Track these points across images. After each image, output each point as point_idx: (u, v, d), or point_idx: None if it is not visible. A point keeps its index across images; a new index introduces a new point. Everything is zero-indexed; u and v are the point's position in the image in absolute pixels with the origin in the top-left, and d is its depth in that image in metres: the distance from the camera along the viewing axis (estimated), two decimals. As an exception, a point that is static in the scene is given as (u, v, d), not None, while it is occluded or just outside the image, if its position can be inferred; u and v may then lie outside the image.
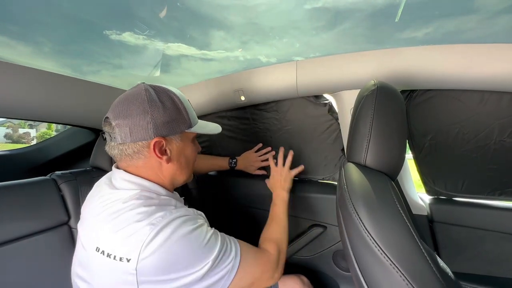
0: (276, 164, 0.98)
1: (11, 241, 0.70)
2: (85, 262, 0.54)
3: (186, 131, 0.60)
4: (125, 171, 0.58)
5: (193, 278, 0.50)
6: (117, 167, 0.60)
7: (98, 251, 0.50)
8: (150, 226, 0.48)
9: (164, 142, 0.56)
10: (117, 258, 0.48)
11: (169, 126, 0.56)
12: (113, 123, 0.54)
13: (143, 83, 0.59)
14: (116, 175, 0.58)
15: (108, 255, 0.49)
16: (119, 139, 0.54)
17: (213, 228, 0.58)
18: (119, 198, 0.54)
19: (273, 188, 0.93)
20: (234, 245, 0.58)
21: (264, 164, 1.09)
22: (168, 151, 0.58)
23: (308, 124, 1.04)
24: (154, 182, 0.59)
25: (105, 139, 0.58)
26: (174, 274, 0.49)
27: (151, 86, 0.58)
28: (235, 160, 1.13)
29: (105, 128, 0.57)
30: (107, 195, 0.56)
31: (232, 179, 1.24)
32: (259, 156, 1.11)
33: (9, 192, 0.75)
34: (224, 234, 0.59)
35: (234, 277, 0.54)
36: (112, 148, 0.57)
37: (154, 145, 0.55)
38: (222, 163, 1.14)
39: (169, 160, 0.59)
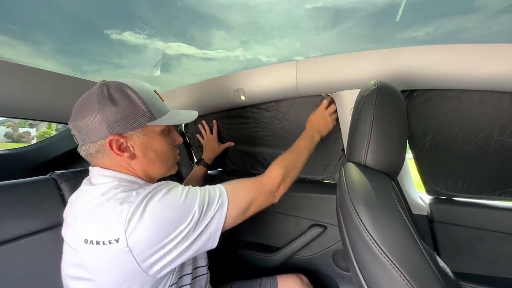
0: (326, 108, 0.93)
1: (11, 240, 0.71)
2: (78, 261, 0.54)
3: (147, 124, 0.57)
4: (101, 167, 0.58)
5: (188, 230, 0.52)
6: (93, 166, 0.60)
7: (87, 243, 0.50)
8: (128, 204, 0.50)
9: (122, 139, 0.55)
10: (106, 242, 0.48)
11: (124, 122, 0.55)
12: (71, 126, 0.56)
13: (103, 80, 0.58)
14: (93, 173, 0.59)
15: (97, 243, 0.49)
16: (80, 140, 0.56)
17: (191, 186, 0.59)
18: (97, 193, 0.54)
19: (309, 123, 0.89)
20: (218, 187, 0.61)
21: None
22: (130, 148, 0.57)
23: None
24: (131, 175, 0.59)
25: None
26: (167, 237, 0.50)
27: (107, 83, 0.57)
28: (202, 159, 1.15)
29: (72, 131, 0.57)
30: (87, 193, 0.56)
31: (233, 179, 1.24)
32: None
33: (9, 192, 0.75)
34: (208, 185, 0.61)
35: (227, 209, 0.58)
36: (79, 149, 0.58)
37: (110, 143, 0.55)
38: (200, 170, 1.13)
39: (133, 157, 0.58)
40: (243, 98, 1.01)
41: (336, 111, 0.93)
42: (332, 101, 0.94)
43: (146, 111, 0.57)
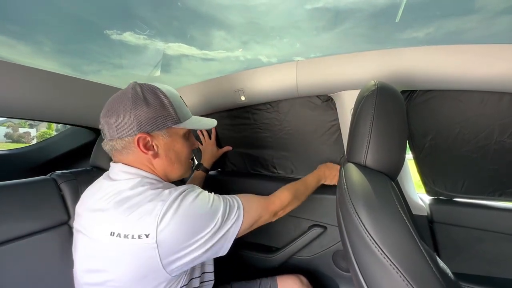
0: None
1: (11, 240, 0.70)
2: (96, 254, 0.54)
3: (173, 126, 0.62)
4: (124, 164, 0.60)
5: (208, 236, 0.56)
6: (115, 162, 0.63)
7: (113, 236, 0.52)
8: (162, 202, 0.53)
9: (149, 138, 0.59)
10: (136, 236, 0.50)
11: (153, 122, 0.58)
12: (102, 121, 0.59)
13: (135, 82, 0.62)
14: (114, 169, 0.61)
15: (126, 236, 0.51)
16: (108, 135, 0.59)
17: (212, 193, 0.63)
18: (123, 187, 0.56)
19: (322, 168, 0.96)
20: (235, 199, 0.65)
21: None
22: (154, 147, 0.60)
23: (309, 125, 1.04)
24: (152, 174, 0.62)
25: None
26: (193, 238, 0.54)
27: (139, 84, 0.61)
28: (201, 164, 1.16)
29: (101, 126, 0.60)
30: (108, 188, 0.58)
31: (233, 179, 1.24)
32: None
33: (9, 192, 0.75)
34: (225, 195, 0.65)
35: (242, 222, 0.62)
36: (105, 144, 0.62)
37: (138, 141, 0.58)
38: (199, 175, 1.14)
39: (156, 155, 0.61)
40: (243, 98, 1.01)
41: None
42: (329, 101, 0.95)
43: (173, 114, 0.61)
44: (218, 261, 0.84)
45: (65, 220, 0.81)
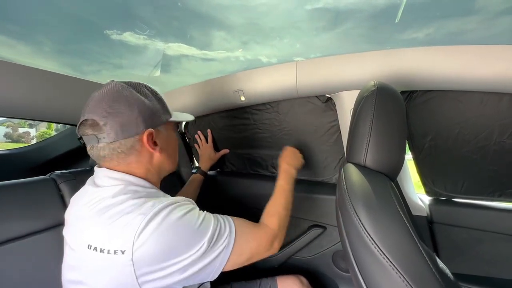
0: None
1: (10, 240, 0.70)
2: (77, 264, 0.53)
3: (169, 120, 0.62)
4: (108, 168, 0.57)
5: (190, 260, 0.50)
6: (99, 167, 0.59)
7: (90, 249, 0.49)
8: (141, 216, 0.48)
9: (154, 133, 0.57)
10: (111, 252, 0.47)
11: (155, 117, 0.58)
12: (101, 123, 0.52)
13: (112, 81, 0.58)
14: (99, 174, 0.57)
15: (102, 251, 0.48)
16: (111, 137, 0.53)
17: (205, 211, 0.57)
18: (105, 195, 0.53)
19: (282, 162, 0.89)
20: (228, 222, 0.58)
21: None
22: (157, 142, 0.59)
23: (309, 126, 1.04)
24: (140, 177, 0.58)
25: (83, 144, 0.57)
26: (171, 260, 0.48)
27: (124, 82, 0.57)
28: (199, 168, 1.15)
29: (87, 131, 0.54)
30: (92, 194, 0.55)
31: (233, 180, 1.24)
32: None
33: (9, 192, 0.75)
34: (218, 214, 0.59)
35: (230, 253, 0.54)
36: (102, 149, 0.54)
37: (147, 137, 0.56)
38: (198, 178, 1.12)
39: (161, 151, 0.60)
40: (243, 98, 1.01)
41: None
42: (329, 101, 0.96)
43: (167, 108, 0.61)
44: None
45: (64, 220, 0.81)
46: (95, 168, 0.60)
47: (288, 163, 0.88)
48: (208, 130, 1.23)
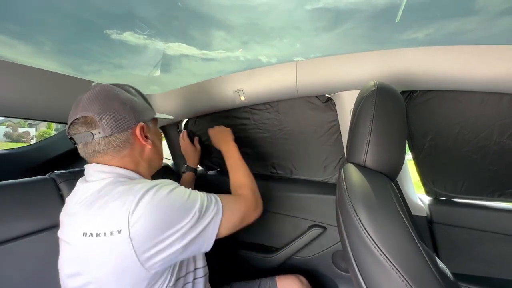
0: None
1: (10, 240, 0.70)
2: (74, 257, 0.53)
3: (155, 116, 0.67)
4: (98, 163, 0.59)
5: (185, 229, 0.53)
6: (90, 163, 0.61)
7: (86, 236, 0.50)
8: (132, 196, 0.51)
9: (145, 127, 0.63)
10: (108, 233, 0.49)
11: (144, 112, 0.63)
12: (97, 119, 0.55)
13: (98, 83, 0.62)
14: (89, 170, 0.59)
15: (97, 235, 0.49)
16: (107, 131, 0.56)
17: (190, 188, 0.62)
18: (95, 188, 0.55)
19: (219, 145, 0.96)
20: (213, 195, 0.63)
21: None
22: (148, 136, 0.64)
23: (309, 126, 1.04)
24: (130, 170, 0.60)
25: (75, 143, 0.58)
26: (167, 231, 0.51)
27: (110, 84, 0.62)
28: (187, 166, 1.17)
29: (80, 129, 0.56)
30: (82, 190, 0.57)
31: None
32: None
33: (8, 191, 0.75)
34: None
35: (221, 218, 0.60)
36: (97, 144, 0.57)
37: (140, 130, 0.61)
38: (189, 176, 1.14)
39: (152, 144, 0.64)
40: (243, 98, 1.01)
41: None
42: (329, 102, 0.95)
43: (151, 106, 0.68)
44: (218, 261, 0.84)
45: (64, 220, 0.81)
46: (85, 166, 0.61)
47: (225, 142, 0.94)
48: (183, 130, 1.24)
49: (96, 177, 0.57)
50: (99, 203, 0.52)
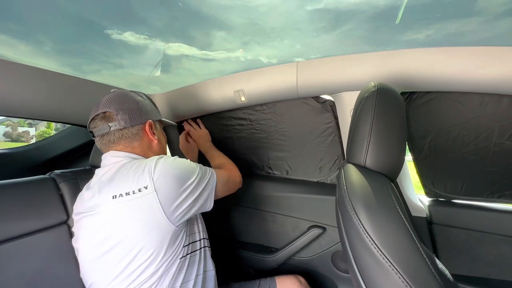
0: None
1: (9, 239, 0.70)
2: (102, 223, 0.60)
3: (161, 119, 0.81)
4: (113, 150, 0.70)
5: (195, 184, 0.66)
6: (105, 153, 0.72)
7: (115, 198, 0.59)
8: (150, 161, 0.63)
9: (153, 124, 0.75)
10: (136, 191, 0.59)
11: (152, 113, 0.76)
12: (114, 113, 0.68)
13: (116, 89, 0.75)
14: (106, 157, 0.70)
15: (127, 194, 0.59)
16: (122, 124, 0.68)
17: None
18: (114, 168, 0.65)
19: (200, 145, 1.13)
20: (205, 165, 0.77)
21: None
22: (155, 133, 0.75)
23: (305, 127, 1.05)
24: (141, 155, 0.72)
25: (93, 136, 0.71)
26: (183, 185, 0.63)
27: (125, 89, 0.76)
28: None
29: (99, 123, 0.69)
30: (100, 173, 0.67)
31: None
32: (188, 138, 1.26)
33: (8, 191, 0.75)
34: None
35: (216, 179, 0.74)
36: (112, 134, 0.69)
37: (149, 126, 0.73)
38: None
39: (158, 140, 0.75)
40: (243, 99, 1.01)
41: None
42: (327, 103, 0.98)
43: (158, 110, 0.81)
44: (217, 262, 0.84)
45: (63, 220, 0.81)
46: (102, 156, 0.71)
47: (204, 142, 1.12)
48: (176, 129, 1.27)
49: (112, 160, 0.68)
50: (121, 173, 0.62)
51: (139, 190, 0.59)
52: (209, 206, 0.72)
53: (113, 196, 0.60)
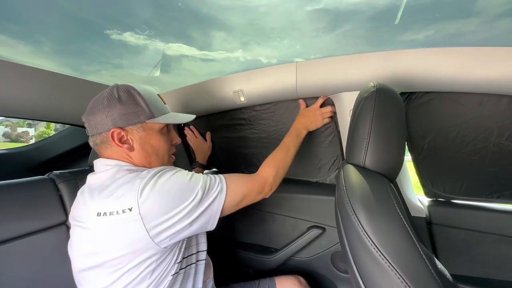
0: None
1: (8, 240, 0.70)
2: (89, 237, 0.57)
3: (147, 121, 0.65)
4: (104, 158, 0.65)
5: (191, 207, 0.58)
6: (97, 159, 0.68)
7: (100, 216, 0.55)
8: (140, 179, 0.57)
9: (123, 132, 0.63)
10: (120, 212, 0.54)
11: (126, 118, 0.63)
12: (84, 119, 0.65)
13: (116, 84, 0.67)
14: (97, 164, 0.65)
15: (111, 213, 0.54)
16: (89, 131, 0.65)
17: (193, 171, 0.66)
18: (104, 177, 0.61)
19: (300, 118, 0.94)
20: (218, 176, 0.67)
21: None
22: (129, 140, 0.64)
23: None
24: (130, 163, 0.65)
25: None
26: (174, 209, 0.56)
27: (118, 85, 0.66)
28: (196, 161, 1.22)
29: (85, 125, 0.67)
30: (92, 181, 0.64)
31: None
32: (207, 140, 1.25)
33: (7, 191, 0.75)
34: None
35: (225, 196, 0.64)
36: (89, 140, 0.67)
37: (112, 135, 0.62)
38: (197, 171, 1.18)
39: (131, 149, 0.65)
40: (242, 99, 1.01)
41: (331, 114, 0.94)
42: (327, 103, 0.95)
43: (147, 110, 0.65)
44: (217, 262, 0.84)
45: (62, 220, 0.81)
46: (94, 162, 0.67)
47: (301, 122, 0.92)
48: (192, 127, 1.27)
49: (102, 168, 0.63)
50: (110, 188, 0.57)
51: (123, 211, 0.54)
52: (211, 227, 0.63)
53: (97, 214, 0.56)
